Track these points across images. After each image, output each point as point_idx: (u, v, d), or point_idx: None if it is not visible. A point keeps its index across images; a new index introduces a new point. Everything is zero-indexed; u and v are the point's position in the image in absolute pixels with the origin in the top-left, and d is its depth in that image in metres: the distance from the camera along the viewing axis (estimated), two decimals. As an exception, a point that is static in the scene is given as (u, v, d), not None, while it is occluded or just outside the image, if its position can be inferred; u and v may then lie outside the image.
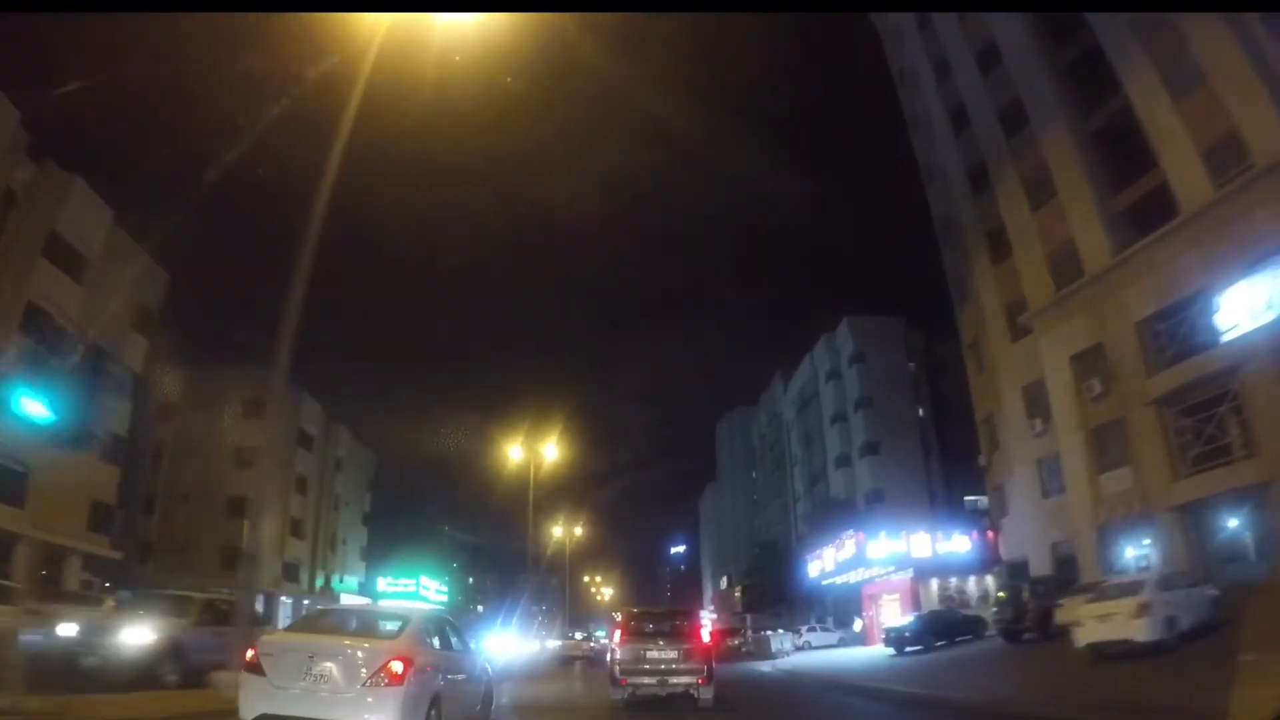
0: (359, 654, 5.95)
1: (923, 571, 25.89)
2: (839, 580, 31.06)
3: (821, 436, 51.28)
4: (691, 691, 10.43)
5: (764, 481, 74.19)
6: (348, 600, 52.28)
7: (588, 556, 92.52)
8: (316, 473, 49.59)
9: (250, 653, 6.09)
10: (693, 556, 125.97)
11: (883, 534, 26.23)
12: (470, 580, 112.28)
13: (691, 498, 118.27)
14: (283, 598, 45.26)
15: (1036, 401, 25.21)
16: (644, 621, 11.73)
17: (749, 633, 36.95)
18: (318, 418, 49.92)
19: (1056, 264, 24.90)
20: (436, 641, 7.19)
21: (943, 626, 21.29)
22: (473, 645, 9.33)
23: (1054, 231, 25.13)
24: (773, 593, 52.23)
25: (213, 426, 43.18)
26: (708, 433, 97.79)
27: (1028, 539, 25.00)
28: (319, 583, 48.74)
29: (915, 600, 25.76)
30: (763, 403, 74.68)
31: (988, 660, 16.59)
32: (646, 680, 10.48)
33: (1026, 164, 26.44)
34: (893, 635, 21.37)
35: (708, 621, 13.62)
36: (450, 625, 8.16)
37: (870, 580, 29.71)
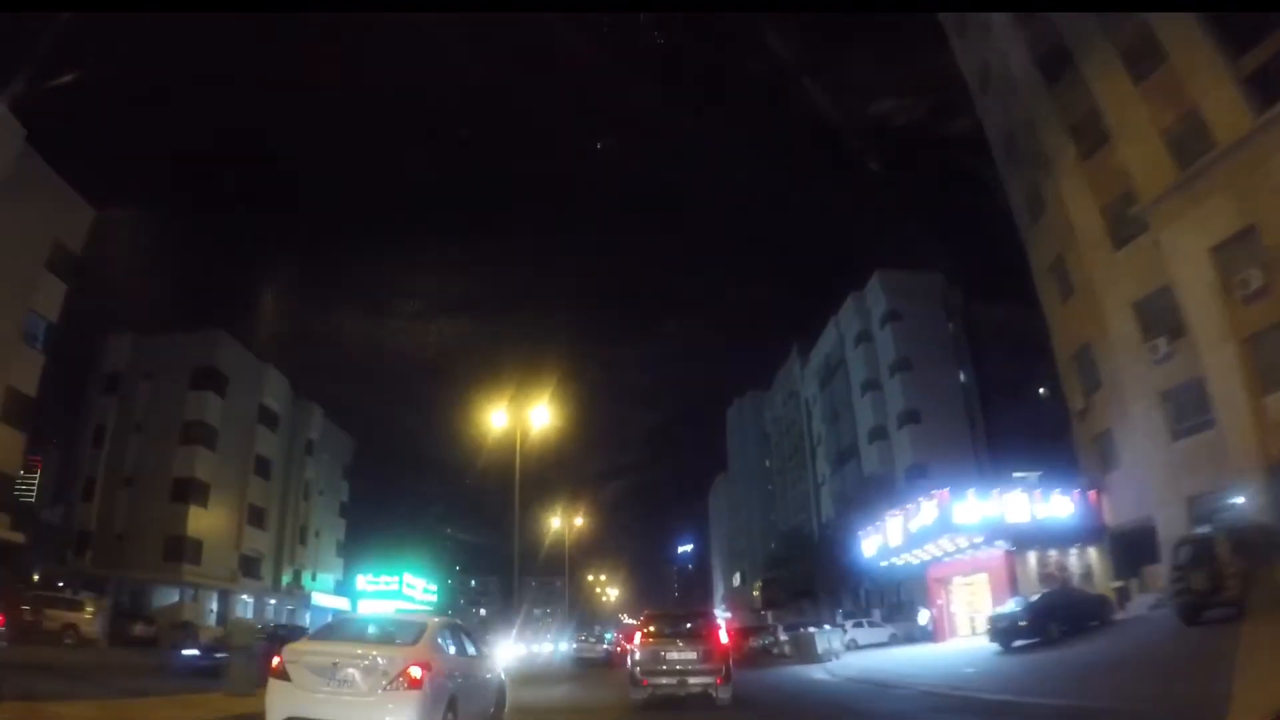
0: (380, 660, 6.24)
1: (1019, 543, 20.19)
2: (902, 560, 25.31)
3: (850, 410, 45.59)
4: (710, 691, 10.51)
5: (780, 469, 68.50)
6: (321, 600, 46.84)
7: (592, 555, 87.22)
8: (282, 455, 44.17)
9: (276, 660, 6.43)
10: (701, 555, 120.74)
11: (971, 493, 20.42)
12: (473, 583, 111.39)
13: (699, 493, 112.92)
14: (242, 595, 39.82)
15: (1156, 317, 19.61)
16: (663, 623, 11.89)
17: (780, 632, 31.51)
18: (284, 394, 44.56)
19: (1176, 140, 19.38)
20: (452, 647, 7.54)
21: (1064, 611, 15.64)
22: (485, 650, 9.77)
23: (1168, 103, 19.64)
24: (797, 586, 46.47)
25: (159, 398, 37.92)
26: (717, 423, 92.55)
27: (1149, 496, 19.32)
28: (285, 579, 43.24)
29: (1013, 580, 20.12)
30: (778, 383, 69.05)
31: (1184, 653, 10.88)
32: (666, 680, 10.53)
33: (1122, 32, 21.05)
34: (1001, 625, 15.79)
35: (723, 622, 13.50)
36: (464, 631, 8.58)
37: (939, 560, 24.04)
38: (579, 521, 46.05)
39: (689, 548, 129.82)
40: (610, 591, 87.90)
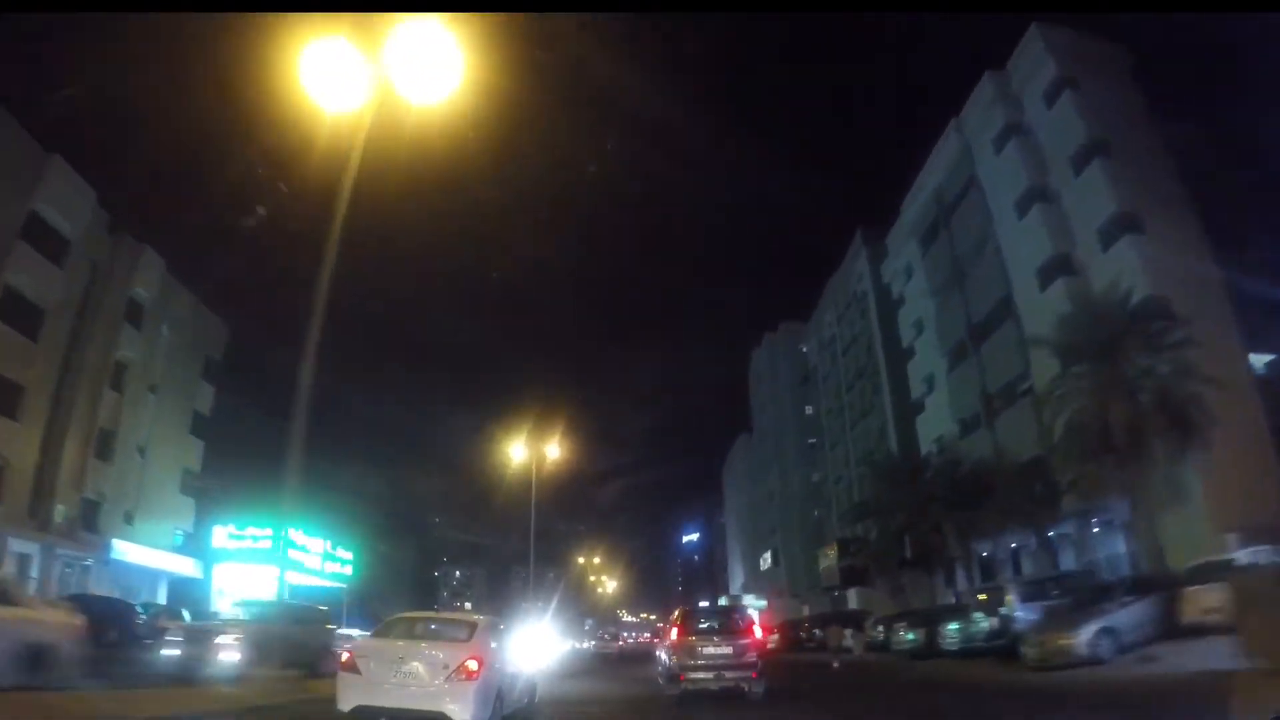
0: (441, 655, 7.22)
1: None
2: None
3: (989, 255, 29.18)
4: (742, 685, 10.71)
5: (834, 408, 52.02)
6: (136, 554, 29.08)
7: (584, 540, 70.48)
8: (69, 306, 26.73)
9: (346, 655, 7.39)
10: (708, 545, 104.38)
11: None
12: (457, 574, 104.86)
13: (707, 475, 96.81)
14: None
15: None
16: (699, 620, 12.10)
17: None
18: (84, 213, 27.25)
19: None
20: (495, 643, 8.32)
21: None
22: (520, 645, 10.98)
23: None
24: (905, 548, 29.51)
25: None
26: (732, 383, 76.35)
27: None
28: (60, 514, 25.52)
29: None
30: (828, 297, 52.74)
31: None
32: (702, 675, 10.76)
33: None
34: None
35: (756, 617, 14.16)
36: (505, 630, 9.65)
37: None
38: (553, 453, 29.35)
39: (694, 537, 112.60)
40: (609, 584, 70.51)
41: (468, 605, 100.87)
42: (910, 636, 19.46)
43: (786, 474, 59.51)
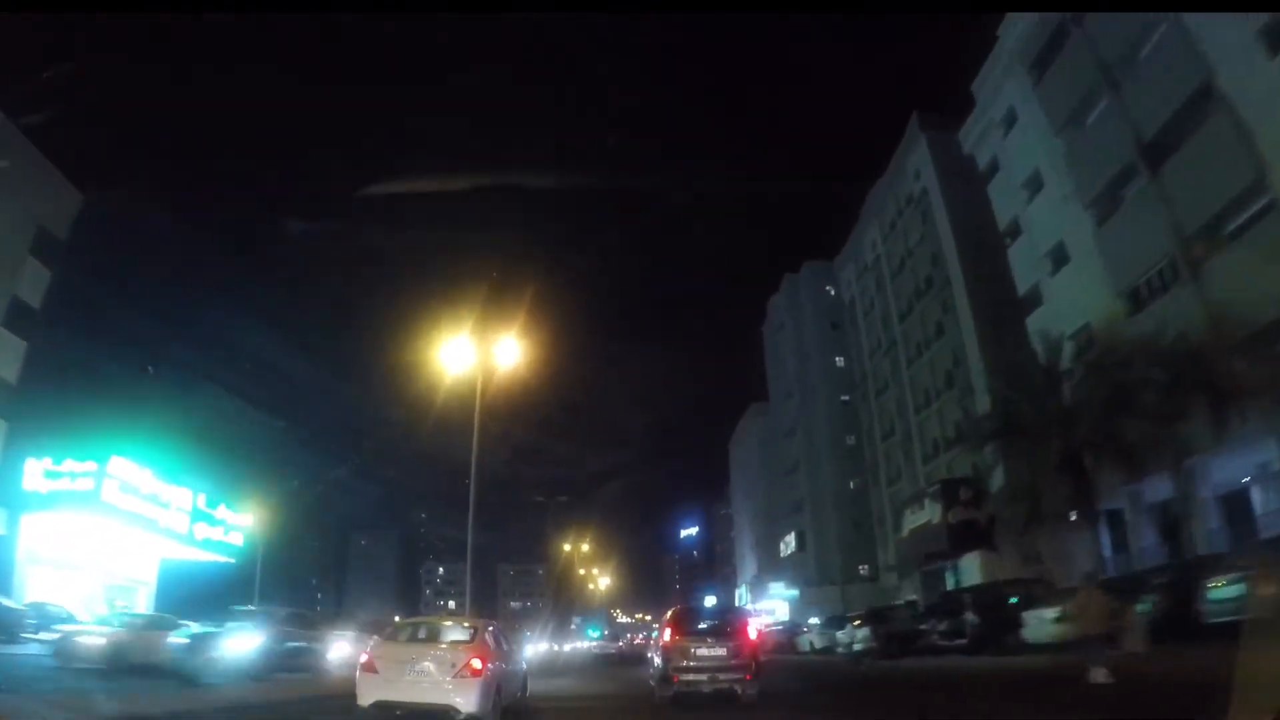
0: (449, 655, 8.31)
1: None
2: None
3: (1167, 37, 20.08)
4: (735, 687, 10.62)
5: (878, 348, 43.06)
6: None
7: (574, 527, 60.79)
8: None
9: (365, 658, 8.49)
10: (707, 539, 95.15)
11: None
12: (440, 570, 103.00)
13: (706, 468, 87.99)
14: None
15: None
16: (693, 620, 11.97)
17: None
18: None
19: None
20: (494, 643, 9.29)
21: None
22: (512, 644, 11.89)
23: None
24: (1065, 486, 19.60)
25: None
26: (732, 365, 67.39)
27: None
28: None
29: None
30: (869, 210, 43.81)
31: None
32: (696, 677, 10.71)
33: None
34: None
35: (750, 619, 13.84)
36: (501, 632, 10.62)
37: None
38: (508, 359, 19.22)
39: (693, 531, 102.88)
40: (598, 577, 60.52)
41: (451, 605, 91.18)
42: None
43: (814, 439, 50.23)
